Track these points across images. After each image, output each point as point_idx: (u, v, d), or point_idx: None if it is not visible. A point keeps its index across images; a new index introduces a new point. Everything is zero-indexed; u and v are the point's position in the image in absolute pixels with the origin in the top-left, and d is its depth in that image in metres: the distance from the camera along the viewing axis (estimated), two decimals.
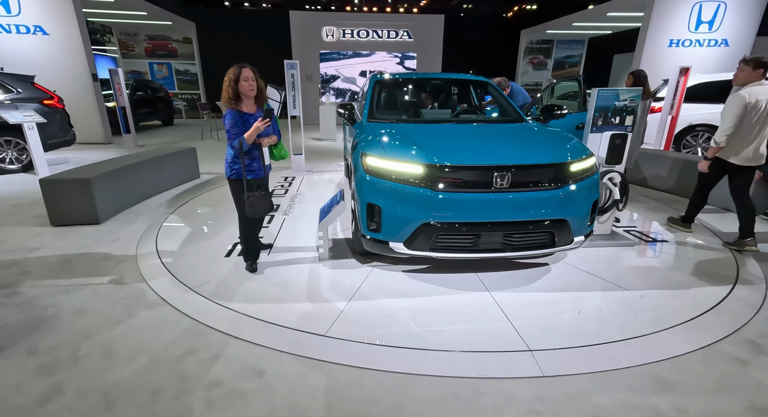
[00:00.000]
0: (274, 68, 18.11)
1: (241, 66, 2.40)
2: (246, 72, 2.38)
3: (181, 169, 5.32)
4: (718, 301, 2.40)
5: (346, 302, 2.40)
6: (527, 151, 2.47)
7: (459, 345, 1.99)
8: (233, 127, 2.41)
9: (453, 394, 1.69)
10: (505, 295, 2.45)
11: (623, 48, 14.82)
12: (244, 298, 2.46)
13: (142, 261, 2.99)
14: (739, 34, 9.83)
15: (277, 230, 3.60)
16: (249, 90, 2.41)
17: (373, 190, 2.48)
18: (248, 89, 2.40)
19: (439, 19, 13.80)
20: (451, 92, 4.21)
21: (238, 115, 2.42)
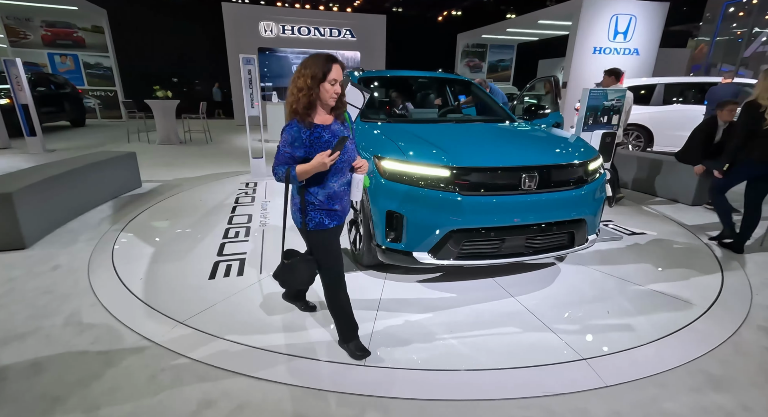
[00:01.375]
0: (210, 64, 16.80)
1: (330, 58, 1.54)
2: (336, 69, 1.54)
3: (120, 177, 4.58)
4: (718, 289, 2.57)
5: (372, 322, 2.16)
6: (549, 151, 2.43)
7: (511, 361, 1.86)
8: (288, 145, 1.56)
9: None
10: (530, 300, 2.39)
11: (547, 54, 16.07)
12: (249, 328, 2.10)
13: (102, 292, 2.44)
14: (647, 44, 11.09)
15: (260, 245, 3.20)
16: (331, 97, 1.56)
17: (392, 196, 2.26)
18: (331, 96, 1.56)
19: (381, 19, 13.76)
20: (438, 91, 4.11)
21: (303, 131, 1.55)
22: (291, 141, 1.55)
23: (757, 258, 3.08)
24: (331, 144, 1.58)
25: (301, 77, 1.53)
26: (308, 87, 1.52)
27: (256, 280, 2.61)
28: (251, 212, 4.01)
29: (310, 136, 1.56)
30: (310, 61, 1.55)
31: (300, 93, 1.52)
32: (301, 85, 1.52)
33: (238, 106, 13.78)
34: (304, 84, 1.52)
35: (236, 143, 9.40)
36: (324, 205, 1.68)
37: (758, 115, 2.94)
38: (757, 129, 2.96)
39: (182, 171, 6.00)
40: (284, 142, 1.57)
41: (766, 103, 2.93)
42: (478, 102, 3.89)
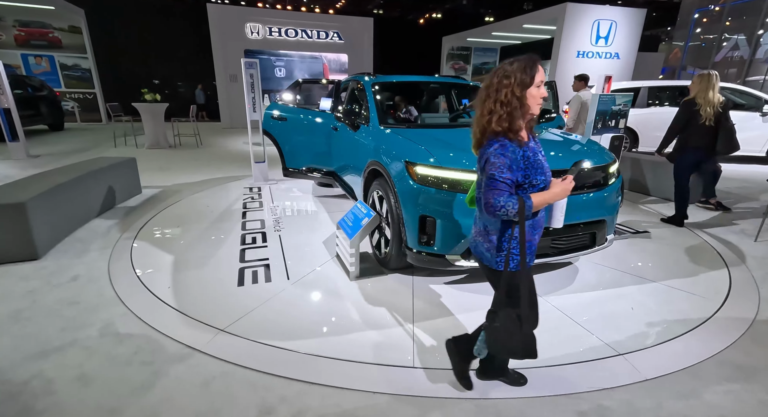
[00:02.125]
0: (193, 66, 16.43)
1: (531, 58, 1.33)
2: (541, 70, 1.34)
3: (121, 184, 4.47)
4: (728, 284, 2.73)
5: (411, 324, 2.20)
6: (573, 155, 2.53)
7: (555, 358, 1.94)
8: (507, 170, 1.29)
9: (579, 413, 1.63)
10: (557, 299, 2.49)
11: None
12: (292, 333, 2.11)
13: (132, 301, 2.41)
14: (627, 48, 11.53)
15: (279, 251, 3.20)
16: (538, 104, 1.36)
17: (426, 201, 2.32)
18: (538, 102, 1.36)
19: (369, 21, 13.82)
20: (449, 95, 4.20)
21: (517, 150, 1.32)
22: (509, 164, 1.29)
23: (755, 253, 3.28)
24: (541, 162, 1.37)
25: (504, 89, 1.30)
26: (517, 97, 1.30)
27: (286, 286, 2.62)
28: (262, 217, 3.99)
29: (524, 155, 1.33)
30: (511, 67, 1.32)
31: (507, 108, 1.30)
32: (507, 98, 1.30)
33: (224, 108, 13.57)
34: (511, 96, 1.29)
35: (228, 146, 9.27)
36: (530, 238, 1.44)
37: (694, 111, 3.57)
38: (694, 123, 3.60)
39: (179, 176, 5.89)
40: (501, 168, 1.28)
41: (701, 102, 3.55)
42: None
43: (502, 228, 1.40)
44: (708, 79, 3.59)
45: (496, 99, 1.32)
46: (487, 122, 1.34)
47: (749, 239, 3.60)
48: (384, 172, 2.66)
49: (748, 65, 12.09)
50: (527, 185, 1.35)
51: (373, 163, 2.87)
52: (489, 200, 1.29)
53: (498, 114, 1.31)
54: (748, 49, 11.99)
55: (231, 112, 13.59)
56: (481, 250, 1.50)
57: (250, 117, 5.19)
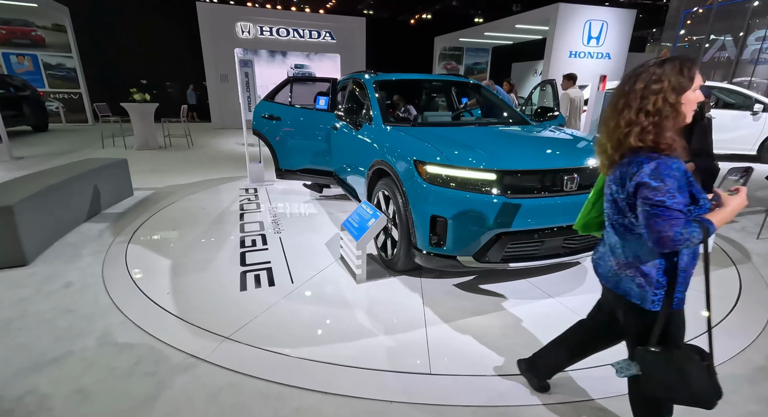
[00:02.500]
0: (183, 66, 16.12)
1: (687, 58, 1.12)
2: (699, 75, 1.12)
3: (112, 185, 4.31)
4: (738, 283, 2.71)
5: (424, 329, 2.13)
6: (584, 152, 2.49)
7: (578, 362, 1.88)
8: (678, 192, 1.06)
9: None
10: (571, 300, 2.44)
11: (521, 57, 16.56)
12: (301, 340, 2.03)
13: (130, 309, 2.29)
14: (618, 48, 11.65)
15: (280, 253, 3.10)
16: (692, 110, 1.15)
17: (437, 200, 2.26)
18: (692, 108, 1.14)
19: (361, 21, 13.74)
20: (449, 94, 4.14)
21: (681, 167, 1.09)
22: (678, 185, 1.06)
23: (759, 250, 3.28)
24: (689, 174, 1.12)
25: (652, 96, 1.09)
26: (670, 105, 1.09)
27: (291, 290, 2.53)
28: (260, 219, 3.88)
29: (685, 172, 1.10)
30: (660, 69, 1.10)
31: (655, 118, 1.09)
32: (656, 107, 1.09)
33: (215, 108, 13.37)
34: (662, 103, 1.08)
35: (220, 147, 9.11)
36: (689, 268, 1.20)
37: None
38: None
39: (171, 178, 5.74)
40: (670, 192, 1.05)
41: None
42: (486, 104, 3.94)
43: (665, 259, 1.16)
44: None
45: (640, 108, 1.10)
46: (624, 136, 1.12)
47: (752, 237, 3.61)
48: (391, 172, 2.59)
49: (735, 66, 12.32)
50: (694, 207, 1.11)
51: (379, 163, 2.80)
52: (666, 233, 1.04)
53: (641, 126, 1.10)
54: (735, 49, 12.21)
55: (222, 112, 13.39)
56: (628, 287, 1.22)
57: (246, 117, 5.07)
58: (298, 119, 4.22)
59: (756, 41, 11.98)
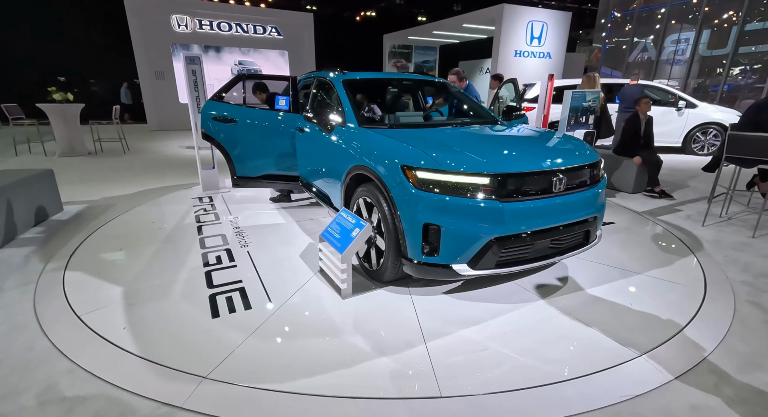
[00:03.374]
0: (110, 62, 14.63)
1: None
2: None
3: (35, 201, 3.73)
4: (701, 271, 2.88)
5: (424, 345, 2.00)
6: (568, 153, 2.48)
7: (579, 368, 1.85)
8: None
9: None
10: (561, 301, 2.43)
11: (467, 55, 17.01)
12: (293, 372, 1.81)
13: (77, 352, 1.93)
14: (557, 48, 12.29)
15: (252, 270, 2.82)
16: None
17: (428, 208, 2.13)
18: None
19: (309, 17, 13.32)
20: (416, 94, 4.02)
21: None
22: None
23: (708, 237, 3.53)
24: None
25: None
26: None
27: (270, 312, 2.28)
28: (222, 232, 3.54)
29: None
30: None
31: None
32: None
33: (150, 108, 12.31)
34: None
35: (161, 151, 8.36)
36: None
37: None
38: None
39: (108, 188, 5.13)
40: None
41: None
42: (455, 103, 3.89)
43: None
44: (594, 79, 4.64)
45: None
46: None
47: (697, 224, 3.89)
48: (374, 178, 2.43)
49: (656, 66, 13.54)
50: None
51: (358, 168, 2.62)
52: None
53: None
54: (655, 51, 13.42)
55: (159, 112, 12.36)
56: None
57: (195, 119, 4.63)
58: (257, 121, 3.90)
59: (671, 44, 13.24)
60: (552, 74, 7.55)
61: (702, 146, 8.13)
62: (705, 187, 5.22)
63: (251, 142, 3.92)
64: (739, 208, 4.37)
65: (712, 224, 3.88)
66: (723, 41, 11.59)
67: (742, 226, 3.84)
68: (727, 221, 3.97)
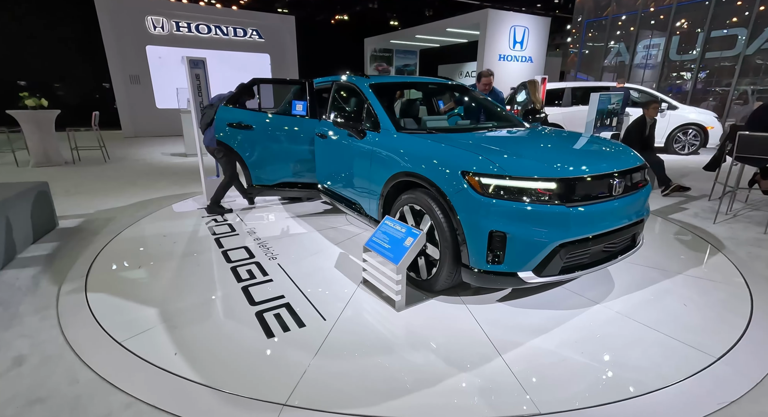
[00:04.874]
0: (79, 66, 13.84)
1: None
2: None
3: (31, 217, 3.41)
4: (734, 268, 2.96)
5: (500, 358, 1.94)
6: (619, 156, 2.48)
7: (663, 376, 1.82)
8: None
9: None
10: (615, 305, 2.42)
11: (446, 60, 17.24)
12: (373, 394, 1.70)
13: (128, 383, 1.74)
14: (538, 52, 12.63)
15: (290, 284, 2.68)
16: None
17: (494, 214, 2.07)
18: None
19: (290, 20, 13.09)
20: (429, 97, 3.97)
21: None
22: None
23: (723, 234, 3.65)
24: None
25: None
26: None
27: (328, 330, 2.16)
28: (243, 244, 3.35)
29: None
30: None
31: None
32: None
33: (125, 114, 11.71)
34: None
35: (146, 159, 7.95)
36: None
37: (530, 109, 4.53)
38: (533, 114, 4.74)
39: (99, 200, 4.80)
40: None
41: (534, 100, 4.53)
42: (471, 106, 3.86)
43: None
44: (535, 84, 5.12)
45: None
46: None
47: (707, 222, 4.03)
48: (427, 185, 2.35)
49: (629, 70, 14.13)
50: None
51: (405, 175, 2.54)
52: None
53: None
54: (629, 55, 14.01)
55: (134, 118, 11.79)
56: None
57: (198, 125, 4.39)
58: (274, 127, 3.74)
59: (643, 49, 13.87)
60: (545, 77, 7.75)
61: (683, 146, 8.51)
62: (699, 185, 5.44)
63: (268, 149, 3.76)
64: (739, 205, 4.57)
65: (721, 221, 4.03)
66: (691, 47, 12.25)
67: (749, 222, 4.01)
68: (733, 218, 4.14)
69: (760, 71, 11.26)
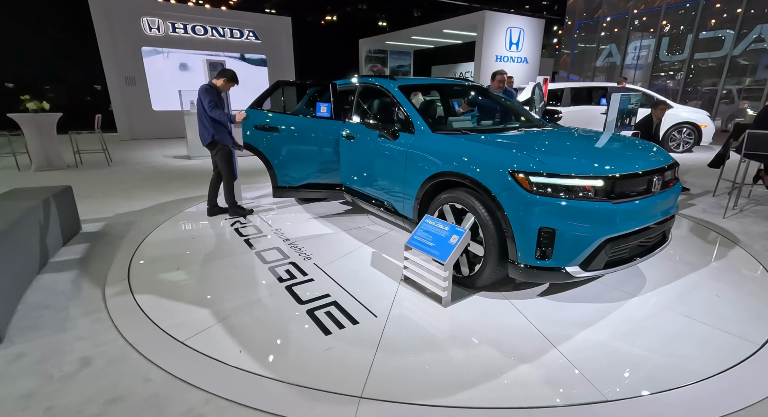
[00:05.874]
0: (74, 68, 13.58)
1: None
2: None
3: (59, 221, 3.38)
4: (753, 258, 3.10)
5: (555, 349, 2.01)
6: (653, 154, 2.59)
7: (715, 364, 1.93)
8: None
9: None
10: (652, 298, 2.51)
11: (440, 60, 17.39)
12: (442, 387, 1.76)
13: (202, 380, 1.77)
14: (533, 54, 12.85)
15: (331, 283, 2.72)
16: None
17: (543, 211, 2.16)
18: None
19: (286, 20, 13.06)
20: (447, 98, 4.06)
21: None
22: None
23: (735, 229, 3.81)
24: None
25: None
26: None
27: (382, 326, 2.21)
28: (274, 245, 3.38)
29: None
30: None
31: None
32: None
33: (121, 117, 11.54)
34: None
35: (148, 162, 7.86)
36: None
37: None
38: None
39: (114, 204, 4.77)
40: None
41: None
42: (492, 107, 3.95)
43: None
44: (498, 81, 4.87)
45: None
46: None
47: (717, 217, 4.19)
48: (471, 184, 2.42)
49: (621, 70, 14.48)
50: None
51: (446, 174, 2.61)
52: None
53: None
54: (620, 56, 14.35)
55: (131, 121, 11.63)
56: None
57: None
58: (299, 129, 3.78)
59: (634, 50, 14.22)
60: (546, 78, 7.92)
61: (678, 144, 8.76)
62: (702, 182, 5.63)
63: (294, 151, 3.79)
64: (743, 201, 4.76)
65: (730, 216, 4.19)
66: (681, 48, 12.62)
67: (756, 216, 4.19)
68: (741, 213, 4.31)
69: (747, 71, 11.67)
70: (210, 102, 3.62)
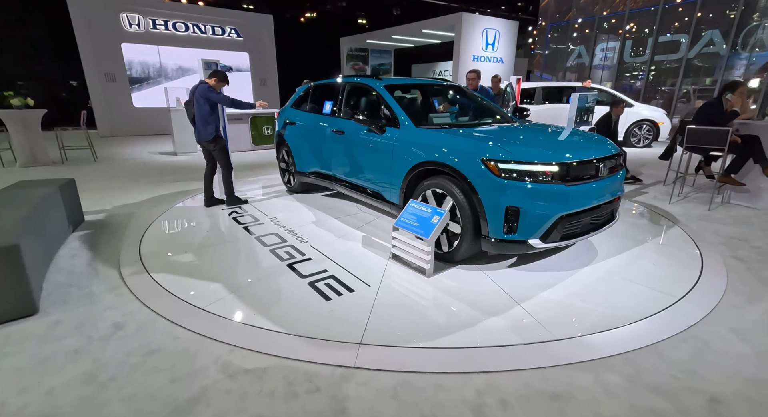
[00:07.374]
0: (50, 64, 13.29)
1: None
2: None
3: (63, 212, 3.59)
4: (690, 239, 3.62)
5: (519, 306, 2.43)
6: (601, 145, 3.04)
7: (644, 311, 2.39)
8: None
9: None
10: (602, 266, 2.97)
11: (419, 59, 17.83)
12: (428, 335, 2.15)
13: (225, 336, 2.09)
14: (508, 54, 13.40)
15: (328, 260, 3.07)
16: None
17: (510, 193, 2.57)
18: None
19: (268, 19, 13.19)
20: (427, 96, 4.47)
21: None
22: None
23: (677, 212, 4.36)
24: None
25: None
26: None
27: (374, 292, 2.58)
28: (272, 231, 3.70)
29: None
30: None
31: None
32: None
33: (101, 113, 11.48)
34: None
35: (135, 159, 7.97)
36: None
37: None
38: None
39: (111, 197, 4.96)
40: None
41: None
42: (468, 104, 4.37)
43: None
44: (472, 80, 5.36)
45: None
46: None
47: (664, 202, 4.74)
48: (450, 171, 2.81)
49: (589, 71, 15.25)
50: None
51: (428, 164, 2.99)
52: None
53: None
54: (588, 57, 15.12)
55: (112, 118, 11.58)
56: None
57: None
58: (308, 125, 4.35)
59: (601, 51, 14.99)
60: (520, 78, 8.43)
61: (639, 139, 9.46)
62: (656, 173, 6.24)
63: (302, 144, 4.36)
64: (688, 189, 5.36)
65: (675, 202, 4.76)
66: (643, 50, 13.44)
67: (697, 202, 4.76)
68: (684, 199, 4.88)
69: (700, 73, 12.57)
70: (224, 96, 3.95)
